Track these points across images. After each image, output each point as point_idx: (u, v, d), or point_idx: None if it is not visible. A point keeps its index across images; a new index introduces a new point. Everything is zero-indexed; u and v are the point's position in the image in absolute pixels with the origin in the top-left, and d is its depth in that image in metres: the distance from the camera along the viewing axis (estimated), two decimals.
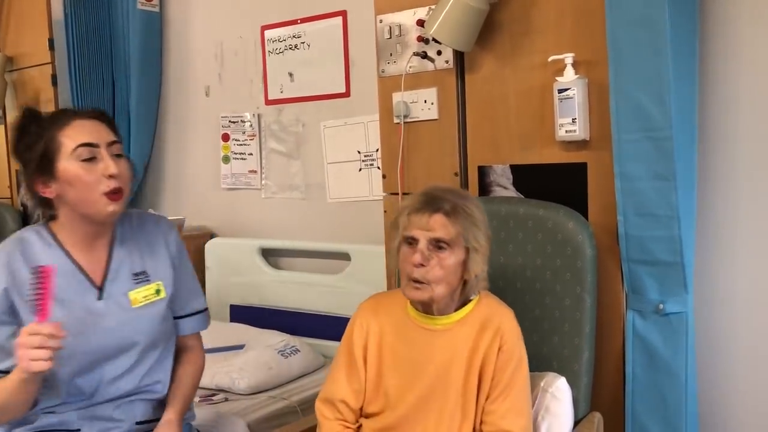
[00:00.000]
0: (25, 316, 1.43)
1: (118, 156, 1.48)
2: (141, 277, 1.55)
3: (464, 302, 1.51)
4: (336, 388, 1.55)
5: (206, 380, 2.30)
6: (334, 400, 1.54)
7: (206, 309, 1.72)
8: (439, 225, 1.42)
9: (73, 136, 1.44)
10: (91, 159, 1.43)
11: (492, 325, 1.47)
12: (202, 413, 2.05)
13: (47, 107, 3.32)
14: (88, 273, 1.52)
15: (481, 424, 1.47)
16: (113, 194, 1.44)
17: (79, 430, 1.52)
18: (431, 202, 1.43)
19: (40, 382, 1.39)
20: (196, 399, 2.19)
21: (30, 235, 1.51)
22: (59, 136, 1.44)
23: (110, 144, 1.47)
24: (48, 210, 1.52)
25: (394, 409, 1.50)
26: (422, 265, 1.41)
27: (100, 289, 1.52)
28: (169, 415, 1.56)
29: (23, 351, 1.30)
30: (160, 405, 1.61)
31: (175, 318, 1.64)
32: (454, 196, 1.45)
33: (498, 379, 1.45)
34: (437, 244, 1.42)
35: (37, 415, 1.50)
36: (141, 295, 1.49)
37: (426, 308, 1.50)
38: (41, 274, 1.33)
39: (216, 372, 2.30)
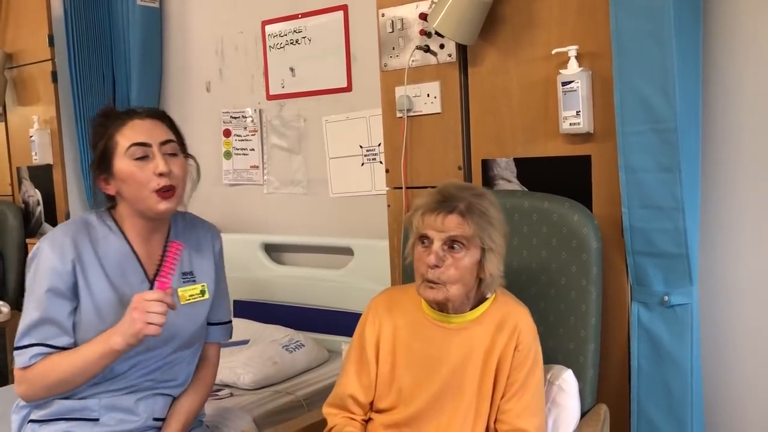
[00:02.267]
0: (84, 295, 1.48)
1: (172, 155, 1.52)
2: (188, 277, 1.60)
3: (480, 300, 1.50)
4: (346, 382, 1.55)
5: None
6: (343, 396, 1.55)
7: (230, 322, 1.76)
8: (454, 225, 1.39)
9: (128, 135, 1.49)
10: (144, 158, 1.48)
11: (509, 324, 1.47)
12: (207, 408, 2.06)
13: (47, 104, 3.33)
14: (144, 264, 1.56)
15: (495, 422, 1.47)
16: (164, 192, 1.48)
17: (98, 419, 1.53)
18: (446, 201, 1.41)
19: (116, 359, 1.44)
20: None
21: (94, 219, 1.56)
22: (116, 135, 1.49)
23: (164, 143, 1.50)
24: (111, 203, 1.58)
25: (407, 405, 1.50)
26: (437, 266, 1.39)
27: (152, 282, 1.55)
28: None
29: (140, 313, 1.37)
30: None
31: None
32: (469, 195, 1.42)
33: (514, 378, 1.45)
34: (452, 245, 1.40)
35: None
36: (188, 293, 1.51)
37: (441, 307, 1.49)
38: (170, 248, 1.46)
39: (221, 367, 2.28)
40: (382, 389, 1.53)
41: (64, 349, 1.46)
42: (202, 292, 1.53)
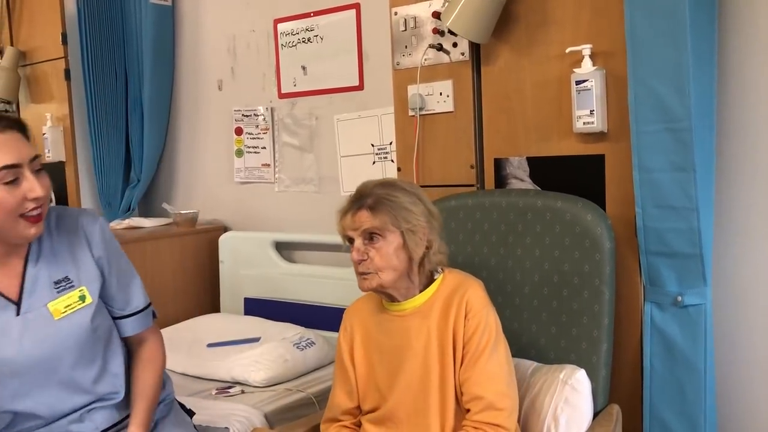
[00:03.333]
0: None
1: (39, 171, 1.36)
2: (63, 285, 1.44)
3: (429, 282, 1.55)
4: (333, 395, 1.64)
5: (222, 373, 2.32)
6: (332, 408, 1.62)
7: (148, 305, 1.60)
8: (364, 219, 1.47)
9: None
10: (13, 181, 1.31)
11: (457, 296, 1.50)
12: (219, 406, 2.07)
13: (60, 102, 3.35)
14: (1, 290, 1.41)
15: (461, 395, 1.48)
16: (36, 216, 1.34)
17: None
18: (355, 201, 1.50)
19: None
20: (213, 391, 2.22)
21: None
22: None
23: (32, 160, 1.34)
24: None
25: (386, 400, 1.53)
26: (362, 260, 1.47)
27: (18, 304, 1.41)
28: (132, 430, 1.49)
29: None
30: (125, 405, 1.54)
31: (117, 319, 1.55)
32: (379, 188, 1.50)
33: (468, 347, 1.47)
34: (370, 237, 1.47)
35: None
36: (62, 305, 1.39)
37: (390, 297, 1.54)
38: None
39: (232, 365, 2.31)
40: (364, 391, 1.58)
41: None
42: (82, 298, 1.40)
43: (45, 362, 1.41)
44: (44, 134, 3.35)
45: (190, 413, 1.75)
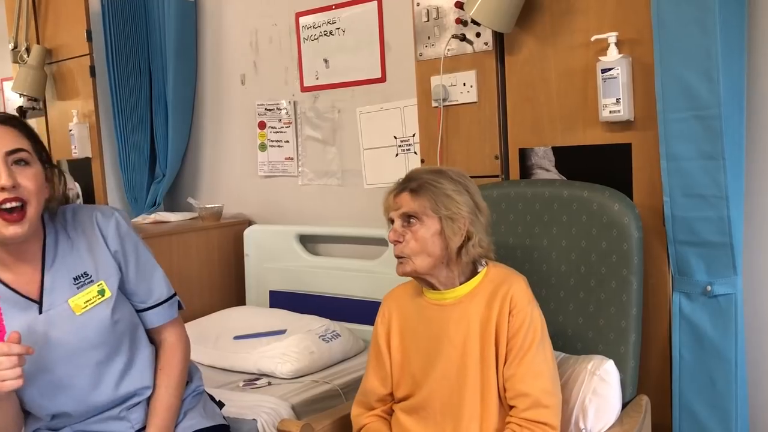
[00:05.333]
0: None
1: (22, 163, 1.32)
2: (82, 280, 1.44)
3: (473, 274, 1.54)
4: (366, 379, 1.64)
5: (249, 365, 2.34)
6: (366, 392, 1.62)
7: (173, 296, 1.60)
8: (405, 202, 1.48)
9: None
10: None
11: (501, 291, 1.49)
12: (246, 397, 2.09)
13: (86, 98, 3.39)
14: (21, 290, 1.41)
15: (504, 391, 1.47)
16: (9, 212, 1.30)
17: None
18: (401, 183, 1.51)
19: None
20: (240, 383, 2.24)
21: None
22: None
23: (11, 152, 1.31)
24: None
25: (421, 389, 1.53)
26: (398, 241, 1.48)
27: (39, 302, 1.42)
28: None
29: None
30: None
31: (140, 312, 1.56)
32: (426, 174, 1.50)
33: (512, 344, 1.46)
34: (408, 220, 1.47)
35: None
36: (82, 300, 1.39)
37: (430, 285, 1.53)
38: None
39: (259, 357, 2.33)
40: (398, 378, 1.58)
41: None
42: (101, 292, 1.40)
43: (71, 358, 1.43)
44: (71, 131, 3.40)
45: (220, 404, 1.76)
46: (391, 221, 1.51)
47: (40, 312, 1.42)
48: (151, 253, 1.58)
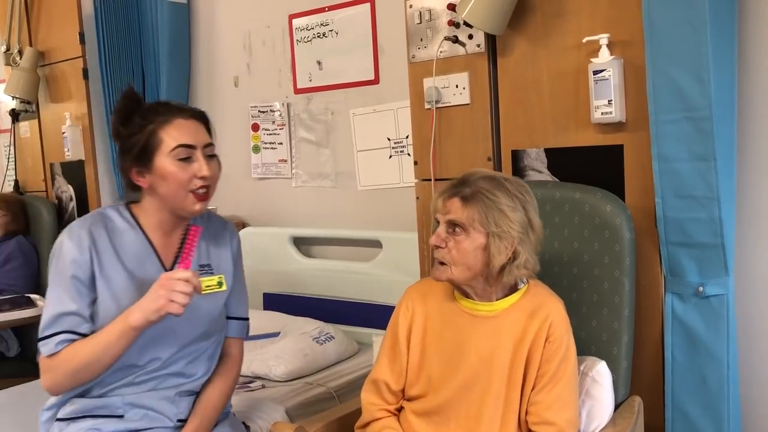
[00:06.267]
0: (101, 284, 1.50)
1: (211, 157, 1.56)
2: (205, 269, 1.62)
3: (512, 291, 1.50)
4: (379, 368, 1.58)
5: (243, 368, 2.31)
6: (377, 381, 1.57)
7: (248, 319, 1.76)
8: (454, 209, 1.42)
9: (174, 135, 1.50)
10: (187, 159, 1.50)
11: (540, 315, 1.45)
12: (239, 400, 2.08)
13: (79, 101, 3.38)
14: (162, 256, 1.58)
15: (526, 414, 1.46)
16: (202, 194, 1.53)
17: (123, 416, 1.56)
18: (455, 186, 1.44)
19: (135, 338, 1.46)
20: None
21: (112, 213, 1.58)
22: (160, 132, 1.50)
23: (206, 146, 1.54)
24: (135, 193, 1.60)
25: (436, 393, 1.50)
26: (439, 246, 1.43)
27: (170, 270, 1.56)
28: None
29: (166, 291, 1.40)
30: None
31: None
32: (483, 181, 1.42)
33: (544, 370, 1.44)
34: (454, 228, 1.42)
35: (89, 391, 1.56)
36: (204, 284, 1.49)
37: (464, 293, 1.50)
38: (190, 231, 1.51)
39: (253, 359, 2.32)
40: (412, 376, 1.54)
41: (86, 336, 1.48)
42: (220, 284, 1.51)
43: (177, 325, 1.53)
44: (63, 133, 3.39)
45: (247, 428, 1.82)
46: (437, 222, 1.46)
47: None
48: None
